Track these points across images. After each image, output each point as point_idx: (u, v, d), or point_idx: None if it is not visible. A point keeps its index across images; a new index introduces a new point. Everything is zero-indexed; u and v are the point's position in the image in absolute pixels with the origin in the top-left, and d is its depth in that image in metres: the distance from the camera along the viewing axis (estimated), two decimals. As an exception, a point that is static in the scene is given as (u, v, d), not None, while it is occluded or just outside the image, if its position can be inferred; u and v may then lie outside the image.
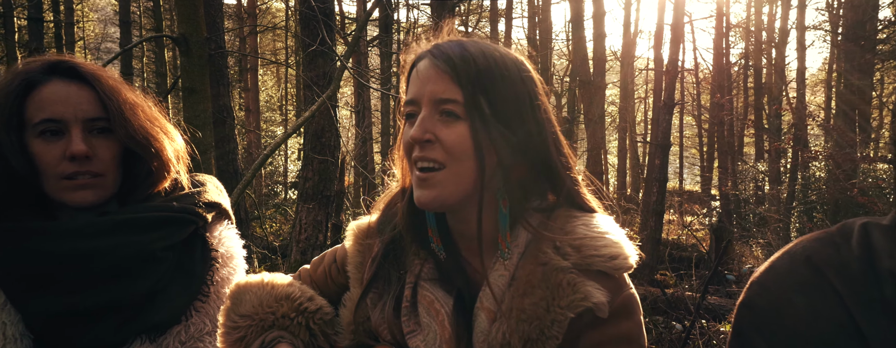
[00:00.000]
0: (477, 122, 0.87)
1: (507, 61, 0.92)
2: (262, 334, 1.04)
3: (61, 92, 1.06)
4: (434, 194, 0.89)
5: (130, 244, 1.09)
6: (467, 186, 0.89)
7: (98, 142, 1.08)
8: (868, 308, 0.70)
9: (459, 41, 0.93)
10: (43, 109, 1.04)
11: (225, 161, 5.80)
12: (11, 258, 1.06)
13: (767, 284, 0.79)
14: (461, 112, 0.88)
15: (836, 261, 0.74)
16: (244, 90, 17.28)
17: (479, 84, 0.87)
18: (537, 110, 0.92)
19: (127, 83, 1.15)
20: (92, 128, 1.08)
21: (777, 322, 0.75)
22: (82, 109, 1.06)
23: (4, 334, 1.05)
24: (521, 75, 0.92)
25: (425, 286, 0.97)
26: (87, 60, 1.14)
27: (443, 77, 0.88)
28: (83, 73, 1.08)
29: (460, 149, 0.87)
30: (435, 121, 0.89)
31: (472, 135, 0.87)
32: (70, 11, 14.26)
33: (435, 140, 0.88)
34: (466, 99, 0.87)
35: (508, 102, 0.89)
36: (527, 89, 0.92)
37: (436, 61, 0.89)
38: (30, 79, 1.05)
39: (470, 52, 0.89)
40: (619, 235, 0.92)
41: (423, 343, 0.93)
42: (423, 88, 0.90)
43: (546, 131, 0.93)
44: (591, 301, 0.84)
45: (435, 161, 0.88)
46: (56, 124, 1.05)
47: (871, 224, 0.76)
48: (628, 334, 0.87)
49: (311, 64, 4.93)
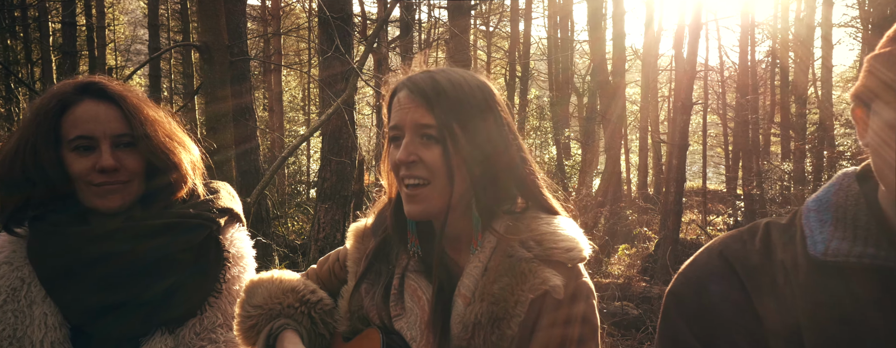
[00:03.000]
0: (448, 144, 1.02)
1: (473, 87, 1.07)
2: (271, 321, 1.20)
3: (92, 111, 1.20)
4: (422, 208, 1.05)
5: (154, 247, 1.23)
6: (449, 198, 1.04)
7: (124, 154, 1.22)
8: (763, 293, 0.83)
9: (430, 73, 1.08)
10: (76, 127, 1.19)
11: (246, 160, 6.00)
12: (50, 257, 1.21)
13: (689, 274, 0.91)
14: (437, 134, 1.02)
15: (741, 254, 0.87)
16: (268, 90, 17.60)
17: (450, 111, 1.03)
18: (502, 127, 1.07)
19: (149, 100, 1.30)
20: (119, 142, 1.22)
21: (695, 306, 0.87)
22: (110, 127, 1.21)
23: (46, 323, 1.20)
24: (484, 97, 1.07)
25: (411, 276, 1.12)
26: (113, 79, 1.29)
27: (419, 107, 1.03)
28: (111, 94, 1.23)
29: (439, 166, 1.03)
30: (417, 144, 1.04)
31: (444, 155, 1.02)
32: (101, 15, 14.71)
33: (419, 160, 1.03)
34: (439, 124, 1.02)
35: (476, 123, 1.04)
36: (491, 109, 1.07)
37: (411, 94, 1.05)
38: (64, 100, 1.20)
39: (440, 82, 1.05)
40: (576, 232, 1.08)
41: (406, 324, 1.09)
42: (404, 117, 1.05)
43: (511, 145, 1.08)
44: (548, 284, 1.00)
45: (421, 178, 1.04)
46: (88, 140, 1.19)
47: (773, 223, 0.89)
48: (582, 314, 1.02)
49: (327, 66, 5.08)
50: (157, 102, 1.36)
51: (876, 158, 0.77)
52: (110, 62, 16.26)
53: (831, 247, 0.79)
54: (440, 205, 1.04)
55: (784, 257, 0.83)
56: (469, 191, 1.06)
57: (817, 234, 0.81)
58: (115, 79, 1.32)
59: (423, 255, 1.14)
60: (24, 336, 1.19)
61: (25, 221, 1.24)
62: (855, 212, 0.81)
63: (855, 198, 0.83)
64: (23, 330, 1.19)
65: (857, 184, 0.85)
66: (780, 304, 0.82)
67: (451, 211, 1.06)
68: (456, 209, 1.07)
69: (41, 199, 1.21)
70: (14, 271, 1.22)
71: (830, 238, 0.80)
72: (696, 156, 22.17)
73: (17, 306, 1.20)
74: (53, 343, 1.19)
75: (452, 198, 1.04)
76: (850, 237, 0.79)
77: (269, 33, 15.68)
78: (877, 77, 0.76)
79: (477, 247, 1.07)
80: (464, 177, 1.04)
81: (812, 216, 0.84)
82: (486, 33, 19.97)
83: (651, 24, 17.61)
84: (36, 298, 1.20)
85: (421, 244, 1.13)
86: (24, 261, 1.23)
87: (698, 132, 19.41)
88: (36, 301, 1.20)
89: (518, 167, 1.08)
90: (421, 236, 1.14)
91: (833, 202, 0.84)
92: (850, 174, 0.87)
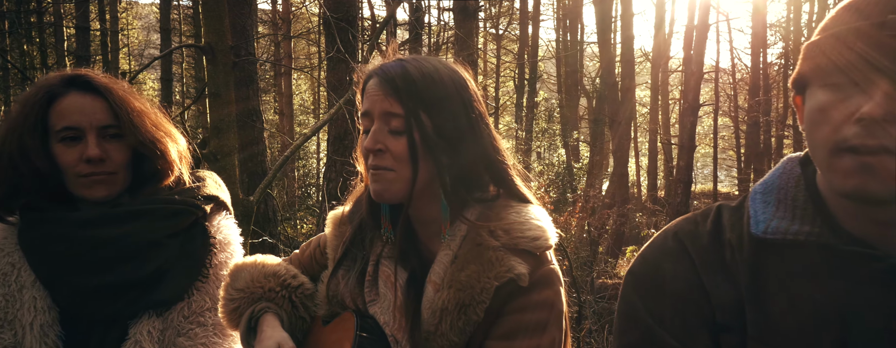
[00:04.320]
0: (414, 133, 1.03)
1: (444, 76, 1.07)
2: (253, 305, 1.22)
3: (78, 103, 1.24)
4: (383, 188, 1.06)
5: (139, 232, 1.26)
6: (412, 185, 1.06)
7: (110, 145, 1.26)
8: (711, 270, 0.88)
9: (401, 62, 1.09)
10: (63, 118, 1.23)
11: (253, 162, 6.08)
12: (39, 243, 1.25)
13: (646, 254, 0.97)
14: (403, 125, 1.04)
15: (693, 234, 0.92)
16: (278, 94, 17.75)
17: (419, 100, 1.04)
18: (472, 116, 1.08)
19: (135, 92, 1.33)
20: (105, 134, 1.26)
21: (650, 283, 0.93)
22: (97, 118, 1.24)
23: (35, 306, 1.24)
24: (456, 87, 1.08)
25: (385, 263, 1.14)
26: (104, 74, 1.33)
27: (388, 96, 1.05)
28: (97, 86, 1.26)
29: (404, 157, 1.04)
30: (385, 133, 1.05)
31: (409, 145, 1.03)
32: (115, 20, 14.94)
33: (385, 149, 1.05)
34: (406, 113, 1.03)
35: (445, 113, 1.05)
36: (462, 99, 1.08)
37: (381, 82, 1.06)
38: (51, 91, 1.24)
39: (409, 71, 1.05)
40: (544, 221, 1.09)
41: (379, 309, 1.11)
42: (373, 105, 1.07)
43: (483, 134, 1.09)
44: (513, 272, 1.01)
45: (386, 167, 1.05)
46: (74, 131, 1.23)
47: (724, 205, 0.94)
48: (546, 300, 1.03)
49: (334, 69, 5.14)
50: (169, 105, 1.40)
51: (809, 140, 0.81)
52: (124, 66, 16.49)
53: (771, 226, 0.84)
54: (403, 190, 1.06)
55: (731, 237, 0.88)
56: (435, 180, 1.08)
57: (760, 214, 0.87)
58: (123, 80, 1.36)
59: (396, 241, 1.16)
60: (14, 319, 1.23)
61: (16, 210, 1.28)
62: (794, 193, 0.87)
63: (795, 181, 0.88)
64: (13, 313, 1.23)
65: (799, 168, 0.90)
66: (726, 280, 0.87)
67: (418, 197, 1.08)
68: (424, 195, 1.08)
69: (30, 188, 1.25)
70: (5, 257, 1.26)
71: (771, 218, 0.85)
72: (708, 159, 22.00)
73: (8, 290, 1.24)
74: (43, 325, 1.22)
75: (417, 184, 1.06)
76: (789, 216, 0.84)
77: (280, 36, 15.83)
78: (809, 63, 0.81)
79: (446, 234, 1.09)
80: (430, 165, 1.06)
81: (758, 198, 0.90)
82: (495, 36, 20.00)
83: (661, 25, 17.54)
84: (25, 283, 1.24)
85: (394, 230, 1.15)
86: (15, 247, 1.27)
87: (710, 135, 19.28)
88: (26, 285, 1.24)
89: (489, 156, 1.10)
90: (394, 222, 1.15)
91: (777, 185, 0.90)
92: (794, 159, 0.92)
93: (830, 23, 0.80)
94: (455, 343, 1.04)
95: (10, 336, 1.22)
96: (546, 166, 13.86)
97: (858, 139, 0.73)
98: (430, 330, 1.05)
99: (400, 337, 1.07)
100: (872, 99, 0.72)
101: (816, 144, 0.79)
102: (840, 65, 0.75)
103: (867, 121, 0.72)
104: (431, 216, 1.11)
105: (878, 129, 0.72)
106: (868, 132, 0.72)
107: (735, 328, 0.85)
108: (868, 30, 0.73)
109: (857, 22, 0.75)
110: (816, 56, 0.79)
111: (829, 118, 0.76)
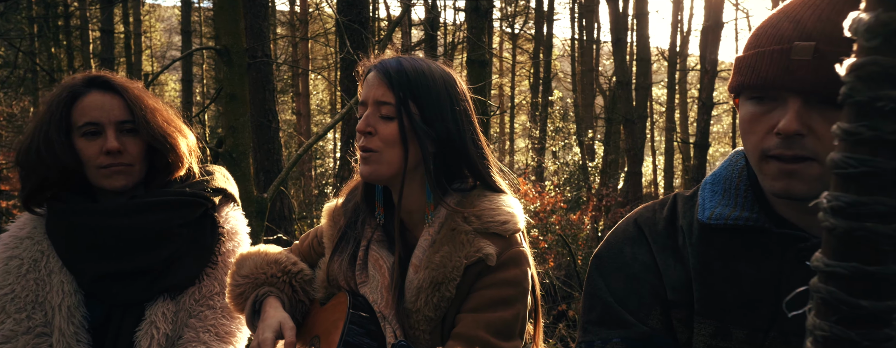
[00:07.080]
0: (404, 120, 1.15)
1: (434, 73, 1.19)
2: (256, 290, 1.34)
3: (98, 101, 1.37)
4: (371, 169, 1.18)
5: (155, 222, 1.39)
6: (397, 167, 1.17)
7: (127, 140, 1.38)
8: (664, 252, 0.98)
9: (398, 58, 1.22)
10: (85, 115, 1.36)
11: (270, 162, 6.23)
12: (65, 232, 1.38)
13: (610, 239, 1.07)
14: (394, 112, 1.15)
15: (651, 220, 1.02)
16: (296, 94, 17.99)
17: (409, 90, 1.15)
18: (457, 112, 1.19)
19: (149, 92, 1.46)
20: (122, 129, 1.38)
21: (612, 265, 1.03)
22: (114, 114, 1.37)
23: (63, 289, 1.36)
24: (445, 84, 1.19)
25: (374, 247, 1.26)
26: (121, 76, 1.46)
27: (382, 84, 1.17)
28: (114, 86, 1.39)
29: (392, 140, 1.15)
30: (376, 117, 1.17)
31: (400, 130, 1.15)
32: (138, 22, 15.27)
33: (375, 132, 1.16)
34: (397, 101, 1.14)
35: (432, 105, 1.16)
36: (449, 95, 1.19)
37: (378, 72, 1.19)
38: (74, 91, 1.37)
39: (404, 66, 1.18)
40: (515, 208, 1.20)
41: (369, 289, 1.23)
42: (368, 93, 1.19)
43: (464, 129, 1.20)
44: (482, 252, 1.13)
45: (373, 149, 1.17)
46: (95, 127, 1.36)
47: (680, 194, 1.04)
48: (513, 279, 1.14)
49: (347, 70, 5.26)
50: (189, 106, 1.54)
51: (743, 143, 0.91)
52: (146, 68, 16.86)
53: (715, 213, 0.94)
54: (389, 172, 1.17)
55: (683, 223, 0.98)
56: (420, 166, 1.19)
57: (708, 203, 0.96)
58: (142, 80, 1.49)
59: (385, 226, 1.27)
60: (44, 301, 1.36)
61: (44, 202, 1.42)
62: (737, 183, 0.97)
63: (739, 172, 0.98)
64: (43, 295, 1.36)
65: (744, 161, 0.99)
66: (678, 261, 0.97)
67: (406, 183, 1.19)
68: (412, 182, 1.19)
69: (56, 181, 1.38)
70: (35, 245, 1.39)
71: (716, 205, 0.95)
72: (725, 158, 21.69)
73: (39, 275, 1.37)
74: (69, 307, 1.35)
75: (407, 167, 1.17)
76: (732, 204, 0.94)
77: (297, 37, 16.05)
78: (738, 76, 0.90)
79: (430, 215, 1.20)
80: (416, 151, 1.17)
81: (707, 188, 1.00)
82: (511, 36, 20.02)
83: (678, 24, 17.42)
84: (54, 268, 1.37)
85: (385, 214, 1.27)
86: (43, 235, 1.40)
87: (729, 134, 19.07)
88: (54, 270, 1.37)
89: (470, 150, 1.20)
90: (385, 208, 1.27)
91: (724, 176, 0.99)
92: (740, 152, 1.02)
93: (755, 40, 0.88)
94: (430, 318, 1.15)
95: (41, 316, 1.35)
96: (561, 165, 13.87)
97: (779, 149, 0.83)
98: (411, 308, 1.16)
99: (387, 313, 1.19)
100: (786, 116, 0.81)
101: (748, 150, 0.90)
102: (761, 83, 0.84)
103: (784, 134, 0.81)
104: (417, 204, 1.22)
105: (794, 142, 0.82)
106: (786, 144, 0.82)
107: (684, 303, 0.95)
108: (779, 54, 0.82)
109: (771, 45, 0.84)
110: (744, 70, 0.88)
111: (755, 129, 0.86)
